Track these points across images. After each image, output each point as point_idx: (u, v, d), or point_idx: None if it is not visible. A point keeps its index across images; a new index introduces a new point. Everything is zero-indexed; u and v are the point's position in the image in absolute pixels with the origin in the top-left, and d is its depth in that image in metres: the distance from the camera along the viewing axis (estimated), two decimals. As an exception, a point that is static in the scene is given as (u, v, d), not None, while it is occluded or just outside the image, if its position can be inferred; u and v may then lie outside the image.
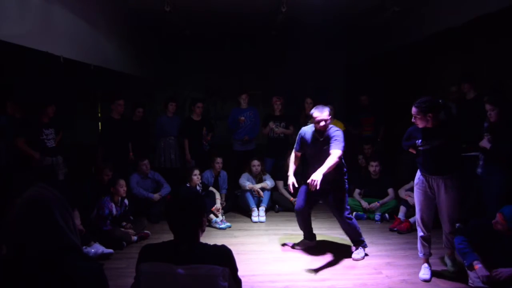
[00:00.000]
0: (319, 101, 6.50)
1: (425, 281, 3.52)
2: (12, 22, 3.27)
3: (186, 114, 7.20)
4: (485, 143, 3.95)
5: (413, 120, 3.50)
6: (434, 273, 3.57)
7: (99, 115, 7.01)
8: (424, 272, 3.58)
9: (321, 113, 3.81)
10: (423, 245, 3.63)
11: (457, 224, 4.46)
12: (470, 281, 3.26)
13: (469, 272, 3.24)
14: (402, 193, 5.29)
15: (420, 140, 3.51)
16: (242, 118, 6.16)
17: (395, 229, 4.83)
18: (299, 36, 7.51)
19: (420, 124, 3.46)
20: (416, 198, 3.62)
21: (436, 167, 3.45)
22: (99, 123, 6.81)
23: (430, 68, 6.27)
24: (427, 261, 3.66)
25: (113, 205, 4.46)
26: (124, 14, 6.04)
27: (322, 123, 3.81)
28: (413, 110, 3.45)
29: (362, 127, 6.53)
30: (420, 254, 3.66)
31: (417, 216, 3.63)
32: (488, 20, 4.39)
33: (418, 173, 3.61)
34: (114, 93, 5.83)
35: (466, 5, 4.62)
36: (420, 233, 3.62)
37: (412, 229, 4.74)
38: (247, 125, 6.24)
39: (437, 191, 3.48)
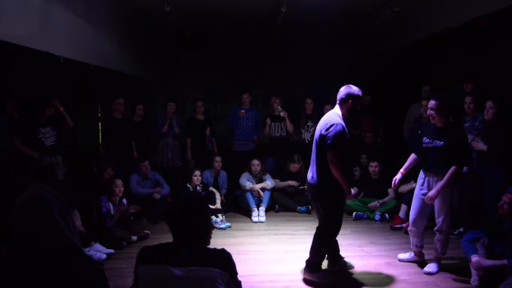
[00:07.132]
0: (319, 101, 6.56)
1: (399, 260, 3.83)
2: (12, 22, 3.27)
3: (186, 114, 7.19)
4: (481, 146, 4.05)
5: (429, 112, 3.46)
6: (434, 273, 3.55)
7: (99, 115, 7.02)
8: (404, 254, 3.88)
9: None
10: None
11: (461, 229, 4.46)
12: (472, 279, 3.27)
13: (472, 270, 3.25)
14: (403, 188, 5.23)
15: (426, 138, 3.56)
16: (243, 111, 6.12)
17: (402, 227, 4.80)
18: (299, 36, 7.50)
19: (438, 121, 3.42)
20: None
21: (432, 165, 3.52)
22: (99, 123, 6.81)
23: (430, 68, 6.26)
24: (414, 251, 3.80)
25: (111, 205, 4.45)
26: (124, 14, 6.03)
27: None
28: (432, 103, 3.40)
29: (362, 127, 6.52)
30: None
31: None
32: (488, 20, 4.39)
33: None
34: (113, 93, 5.84)
35: (465, 5, 4.61)
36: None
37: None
38: (249, 125, 6.22)
39: (432, 188, 3.53)
